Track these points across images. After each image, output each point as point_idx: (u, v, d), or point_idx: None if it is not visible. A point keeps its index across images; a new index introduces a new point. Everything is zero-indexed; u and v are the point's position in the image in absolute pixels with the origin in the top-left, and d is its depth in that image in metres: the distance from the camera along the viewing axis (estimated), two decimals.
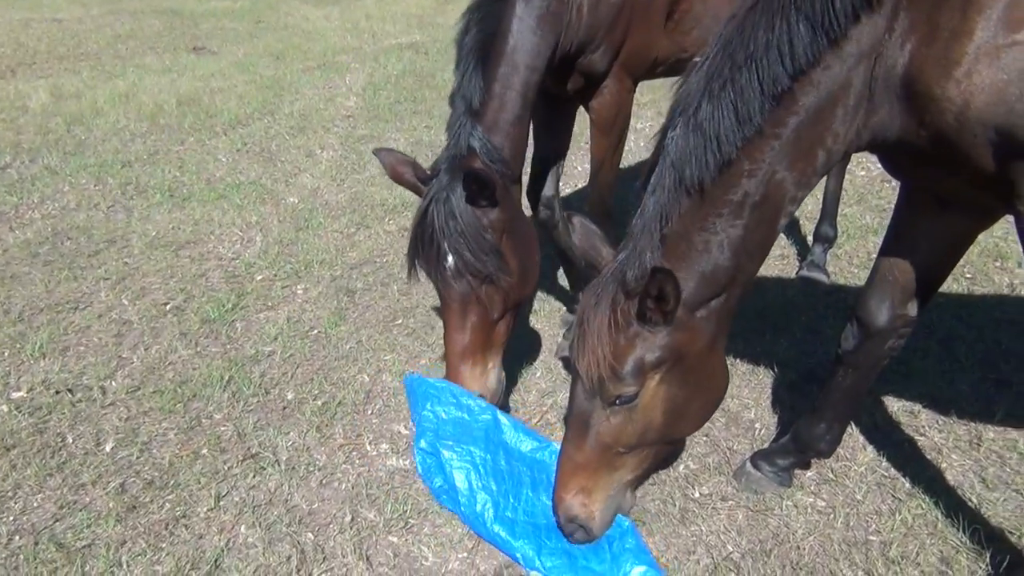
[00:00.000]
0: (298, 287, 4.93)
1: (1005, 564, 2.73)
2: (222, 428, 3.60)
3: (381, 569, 2.85)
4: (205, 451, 3.45)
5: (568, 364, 2.63)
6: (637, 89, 3.87)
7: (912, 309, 2.78)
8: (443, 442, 3.07)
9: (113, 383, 3.93)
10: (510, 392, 3.77)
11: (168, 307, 4.67)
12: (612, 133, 3.72)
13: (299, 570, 2.83)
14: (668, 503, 3.12)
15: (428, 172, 3.09)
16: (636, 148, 7.21)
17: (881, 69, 2.13)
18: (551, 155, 3.99)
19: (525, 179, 3.59)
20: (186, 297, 4.79)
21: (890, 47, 2.12)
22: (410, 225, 3.12)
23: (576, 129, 4.13)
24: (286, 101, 9.30)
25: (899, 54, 2.10)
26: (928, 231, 2.65)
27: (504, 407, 3.68)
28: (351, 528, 3.02)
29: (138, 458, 3.41)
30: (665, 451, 2.73)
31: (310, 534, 3.00)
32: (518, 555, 2.81)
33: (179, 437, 3.54)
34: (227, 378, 3.94)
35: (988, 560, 2.78)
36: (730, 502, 3.14)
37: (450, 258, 2.96)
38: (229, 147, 7.65)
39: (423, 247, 3.01)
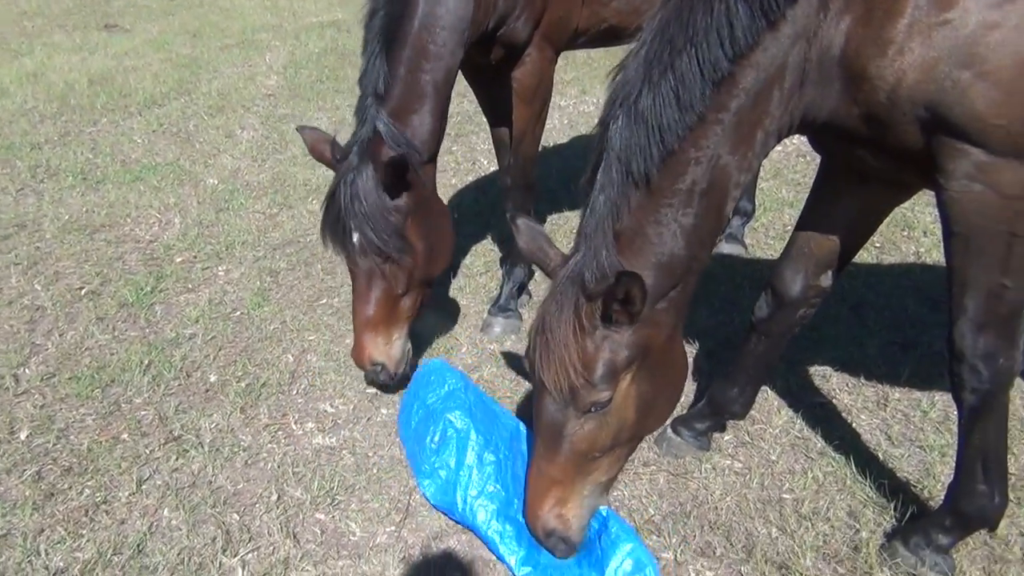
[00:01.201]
0: (219, 268, 4.85)
1: (908, 515, 2.88)
2: (142, 412, 3.54)
3: (308, 546, 2.86)
4: (125, 436, 3.39)
5: (528, 373, 2.55)
6: (561, 68, 3.90)
7: (825, 280, 2.88)
8: (476, 423, 3.04)
9: (26, 371, 3.83)
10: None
11: (83, 292, 4.55)
12: (534, 103, 3.77)
13: (225, 551, 2.82)
14: None
15: (340, 151, 3.17)
16: (560, 125, 7.26)
17: (816, 50, 2.17)
18: (502, 128, 4.03)
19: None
20: (102, 281, 4.67)
21: (825, 27, 2.16)
22: (324, 201, 3.22)
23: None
24: (204, 80, 9.06)
25: (835, 34, 2.15)
26: (846, 206, 2.74)
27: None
28: (277, 507, 3.02)
29: (55, 445, 3.33)
30: (635, 446, 2.67)
31: (235, 515, 2.99)
32: (511, 559, 2.75)
33: (97, 423, 3.47)
34: (147, 362, 3.87)
35: (893, 512, 2.93)
36: (652, 467, 3.23)
37: (355, 236, 3.08)
38: (145, 128, 7.43)
39: (331, 224, 3.15)
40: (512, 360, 3.87)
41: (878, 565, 2.70)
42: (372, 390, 3.69)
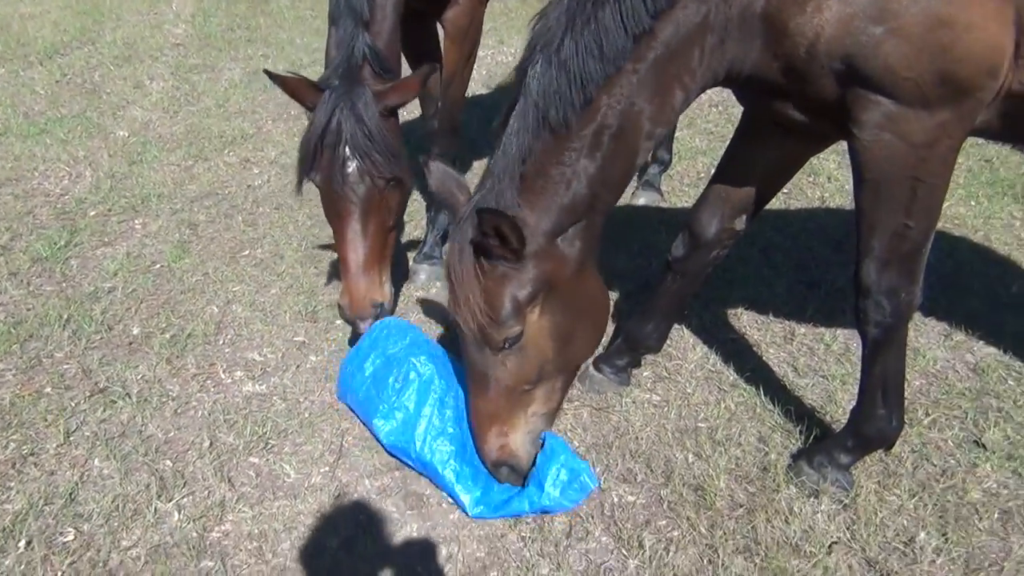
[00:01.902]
0: (136, 222, 4.77)
1: (813, 438, 3.10)
2: (65, 366, 3.51)
3: (244, 489, 2.91)
4: (48, 389, 3.36)
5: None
6: None
7: (740, 224, 3.04)
8: (439, 369, 3.08)
9: None
10: None
11: None
12: (465, 44, 3.86)
13: (159, 496, 2.85)
14: None
15: (322, 83, 3.14)
16: (478, 76, 7.27)
17: (736, 7, 2.27)
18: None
19: None
20: (12, 236, 4.54)
21: None
22: (303, 137, 3.13)
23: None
24: (107, 28, 8.74)
25: None
26: (765, 156, 2.89)
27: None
28: (210, 452, 3.06)
29: None
30: (570, 378, 2.80)
31: (168, 461, 3.01)
32: (465, 498, 2.81)
33: (18, 377, 3.43)
34: (66, 316, 3.81)
35: (799, 436, 3.14)
36: (575, 403, 3.37)
37: (352, 163, 3.05)
38: (47, 78, 7.16)
39: (322, 154, 3.06)
40: (434, 309, 3.95)
41: (785, 483, 2.91)
42: (300, 338, 3.73)
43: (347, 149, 3.02)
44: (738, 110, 6.55)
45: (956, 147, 2.41)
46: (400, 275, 4.13)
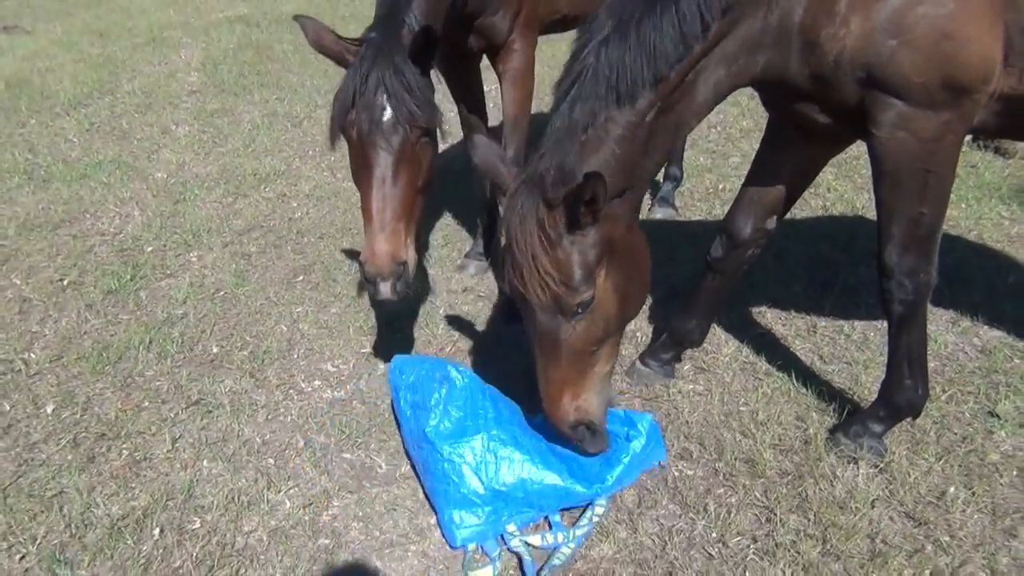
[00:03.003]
0: (191, 255, 5.09)
1: (845, 414, 3.45)
2: (157, 383, 3.82)
3: (343, 479, 3.23)
4: (147, 403, 3.67)
5: (506, 293, 2.75)
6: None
7: (770, 223, 3.42)
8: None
9: (32, 355, 4.03)
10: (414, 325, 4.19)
11: (65, 283, 4.73)
12: (526, 85, 4.22)
13: (268, 488, 3.16)
14: None
15: (356, 41, 3.19)
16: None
17: (776, 16, 2.65)
18: (476, 114, 4.48)
19: None
20: (80, 272, 4.85)
21: None
22: (339, 87, 3.14)
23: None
24: (124, 79, 9.08)
25: (794, 4, 2.62)
26: (790, 159, 3.27)
27: (413, 339, 4.12)
28: (306, 451, 3.37)
29: (82, 416, 3.58)
30: (621, 335, 2.94)
31: (270, 459, 3.33)
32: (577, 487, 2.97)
33: (117, 394, 3.73)
34: (148, 340, 4.12)
35: (832, 413, 3.50)
36: (627, 395, 3.72)
37: (388, 110, 3.03)
38: (77, 127, 7.48)
39: (356, 105, 3.05)
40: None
41: (826, 453, 3.26)
42: (366, 349, 4.06)
43: (383, 97, 3.00)
44: (736, 131, 7.03)
45: (959, 141, 2.82)
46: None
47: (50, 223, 5.50)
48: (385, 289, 3.14)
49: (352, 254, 5.00)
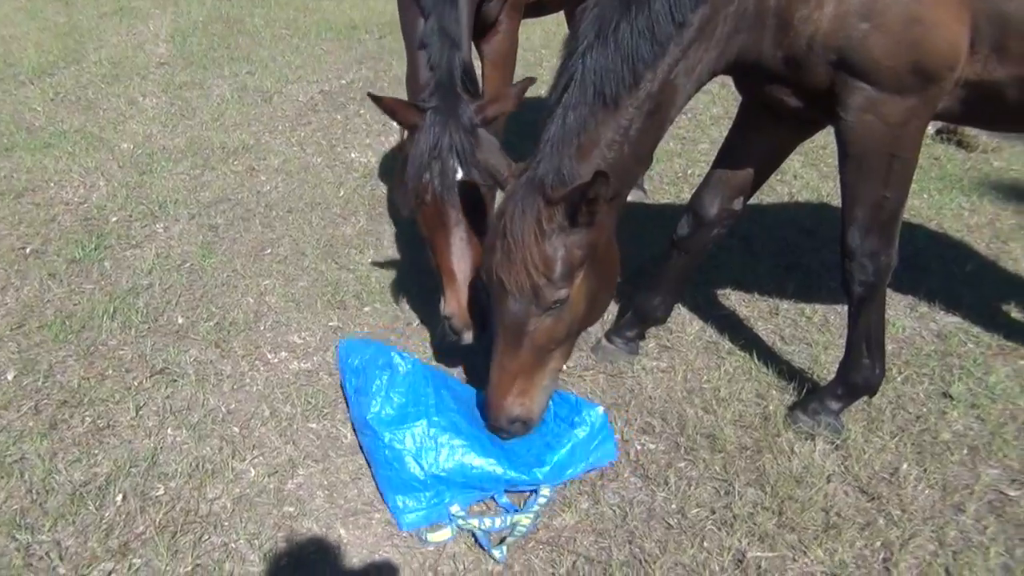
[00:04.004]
0: (157, 226, 5.04)
1: (804, 392, 3.53)
2: (121, 352, 3.79)
3: (308, 448, 3.24)
4: (111, 372, 3.64)
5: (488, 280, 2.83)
6: None
7: (737, 205, 3.47)
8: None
9: None
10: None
11: (27, 251, 4.67)
12: (508, 68, 4.23)
13: (234, 457, 3.17)
14: None
15: (422, 103, 3.23)
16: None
17: (752, 1, 2.68)
18: None
19: None
20: (43, 241, 4.79)
21: None
22: (411, 155, 3.17)
23: None
24: (90, 49, 8.93)
25: None
26: (759, 142, 3.33)
27: (382, 313, 4.13)
28: (272, 420, 3.38)
29: (44, 383, 3.55)
30: (577, 338, 3.05)
31: (235, 428, 3.33)
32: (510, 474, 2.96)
33: (80, 363, 3.70)
34: (112, 309, 4.09)
35: (792, 392, 3.58)
36: (591, 371, 3.76)
37: (460, 173, 3.12)
38: (41, 96, 7.35)
39: (431, 168, 3.11)
40: None
41: (784, 429, 3.34)
42: (334, 323, 4.07)
43: (456, 161, 3.10)
44: (707, 117, 7.10)
45: (923, 127, 2.89)
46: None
47: (12, 191, 5.41)
48: (468, 337, 3.29)
49: (318, 228, 5.00)
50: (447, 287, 3.24)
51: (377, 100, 3.16)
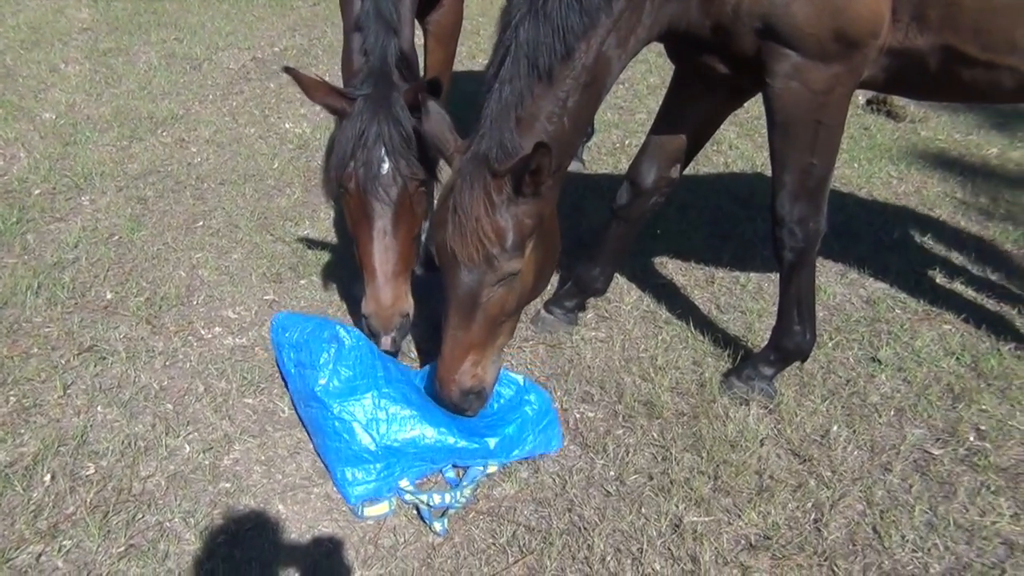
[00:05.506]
0: (83, 198, 4.88)
1: (739, 359, 3.60)
2: (46, 329, 3.67)
3: (245, 424, 3.19)
4: (36, 350, 3.53)
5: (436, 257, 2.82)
6: None
7: (674, 172, 3.50)
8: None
9: None
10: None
11: None
12: (451, 43, 4.18)
13: (167, 434, 3.10)
14: None
15: (351, 89, 3.15)
16: None
17: None
18: None
19: None
20: None
21: None
22: (336, 142, 3.10)
23: None
24: (7, 13, 8.56)
25: None
26: (693, 110, 3.35)
27: (319, 286, 4.07)
28: (207, 396, 3.31)
29: None
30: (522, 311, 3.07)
31: (169, 405, 3.26)
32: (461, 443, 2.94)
33: (3, 340, 3.57)
34: (36, 285, 3.95)
35: (727, 359, 3.64)
36: (531, 341, 3.77)
37: (386, 164, 3.02)
38: None
39: (356, 158, 3.03)
40: None
41: (719, 395, 3.40)
42: (269, 297, 4.00)
43: (383, 151, 3.02)
44: (644, 87, 7.13)
45: (848, 95, 2.94)
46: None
47: None
48: (387, 342, 3.15)
49: (252, 200, 4.89)
50: (367, 284, 3.14)
51: (297, 77, 3.04)
